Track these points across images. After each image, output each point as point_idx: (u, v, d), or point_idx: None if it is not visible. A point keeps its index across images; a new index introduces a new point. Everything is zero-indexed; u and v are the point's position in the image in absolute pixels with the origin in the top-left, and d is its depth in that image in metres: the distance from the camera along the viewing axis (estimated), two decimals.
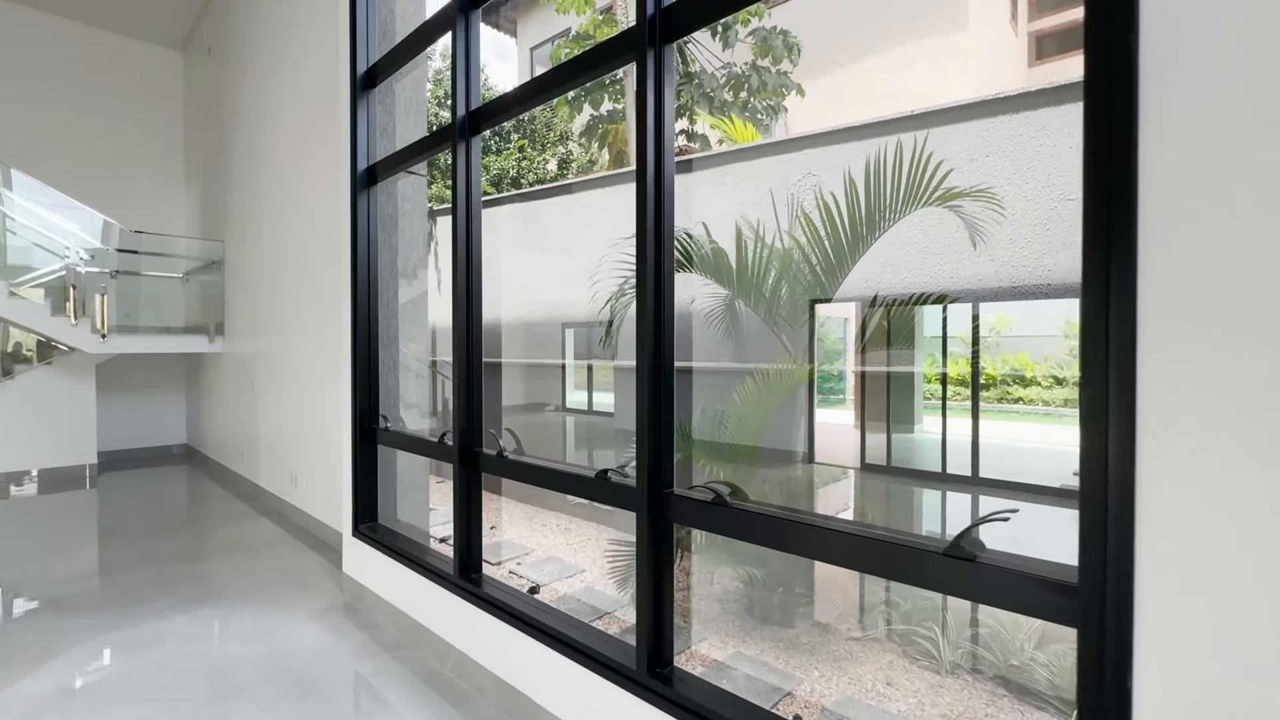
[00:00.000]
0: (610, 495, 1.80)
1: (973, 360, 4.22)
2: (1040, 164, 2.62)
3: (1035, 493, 4.60)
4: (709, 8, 1.58)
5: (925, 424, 6.54)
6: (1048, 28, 7.69)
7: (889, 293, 3.36)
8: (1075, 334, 4.54)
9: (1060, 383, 6.50)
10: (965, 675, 2.48)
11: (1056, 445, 5.62)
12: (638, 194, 1.66)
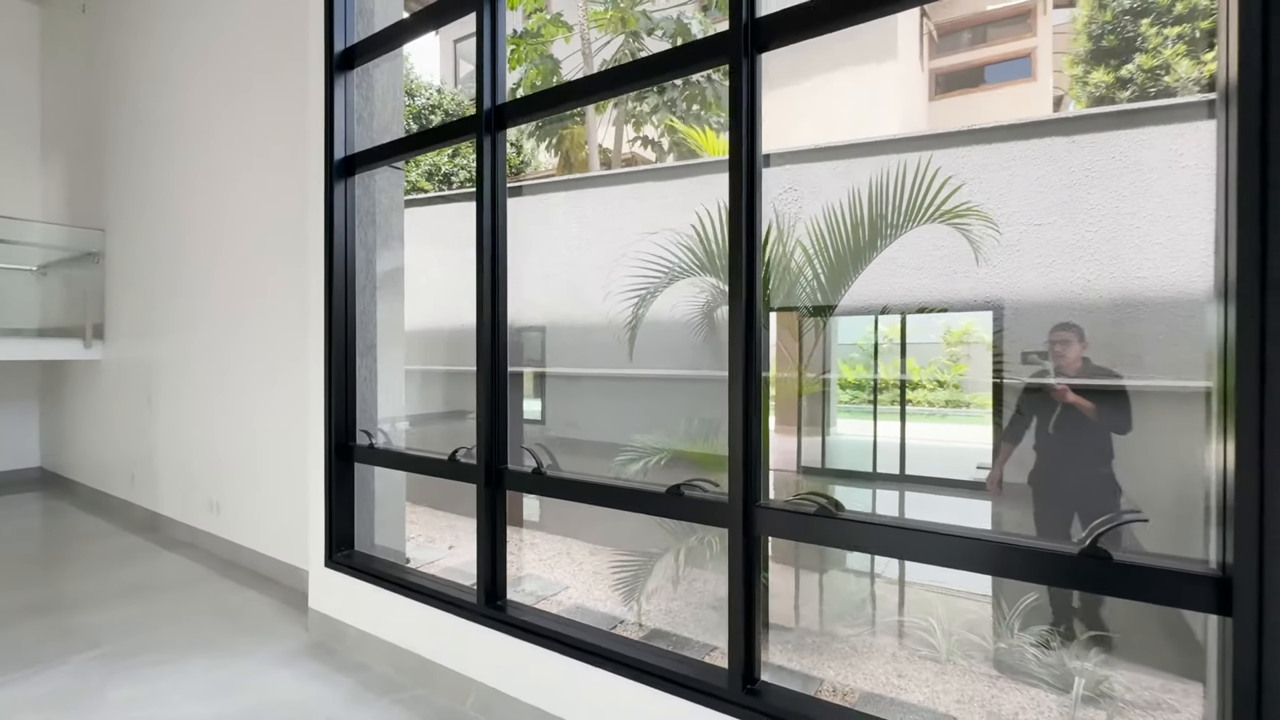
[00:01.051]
0: (692, 512, 1.74)
1: (951, 367, 4.54)
2: (1012, 192, 2.89)
3: (951, 486, 5.07)
4: (801, 22, 1.60)
5: (839, 427, 7.00)
6: (942, 67, 8.55)
7: (875, 304, 3.56)
8: (955, 341, 5.02)
9: (942, 385, 7.19)
10: (961, 662, 2.67)
11: (946, 442, 6.21)
12: (731, 197, 1.64)
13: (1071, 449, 2.76)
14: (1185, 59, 2.79)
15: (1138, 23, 3.24)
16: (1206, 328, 2.50)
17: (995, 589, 3.24)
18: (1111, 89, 2.95)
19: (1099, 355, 3.00)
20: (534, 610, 2.15)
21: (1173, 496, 2.63)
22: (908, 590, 3.89)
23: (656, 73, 1.84)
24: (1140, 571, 1.21)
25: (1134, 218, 2.62)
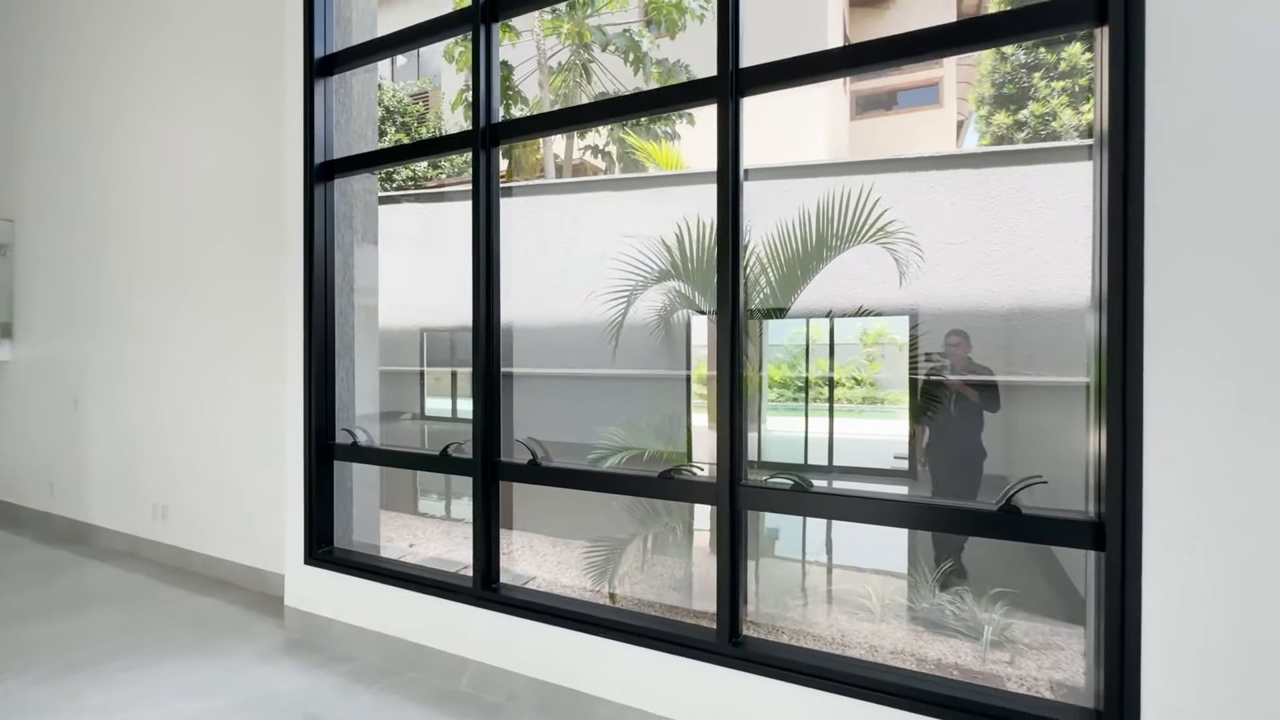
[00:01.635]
0: (683, 492, 2.00)
1: (868, 366, 4.99)
2: (930, 214, 3.34)
3: (873, 474, 5.62)
4: (775, 74, 1.89)
5: (769, 424, 7.49)
6: (862, 90, 9.29)
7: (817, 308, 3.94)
8: (872, 342, 5.66)
9: (859, 383, 7.83)
10: (893, 621, 3.08)
11: (866, 436, 6.79)
12: (718, 215, 1.91)
13: (958, 425, 3.39)
14: (1068, 109, 3.34)
15: (1031, 75, 3.80)
16: (1085, 332, 3.01)
17: (912, 561, 3.72)
18: (1010, 130, 3.47)
19: (1000, 356, 3.52)
20: (527, 590, 2.34)
21: (1054, 464, 3.21)
22: (836, 572, 4.33)
23: (649, 107, 2.08)
24: (1042, 521, 1.58)
25: (1029, 240, 3.12)
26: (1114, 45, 1.44)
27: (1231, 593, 1.35)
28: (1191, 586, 1.38)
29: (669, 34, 5.11)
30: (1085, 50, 3.85)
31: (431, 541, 4.72)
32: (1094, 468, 1.56)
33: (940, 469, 3.78)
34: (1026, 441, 3.66)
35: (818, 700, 1.75)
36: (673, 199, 4.18)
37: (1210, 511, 1.37)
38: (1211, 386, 1.37)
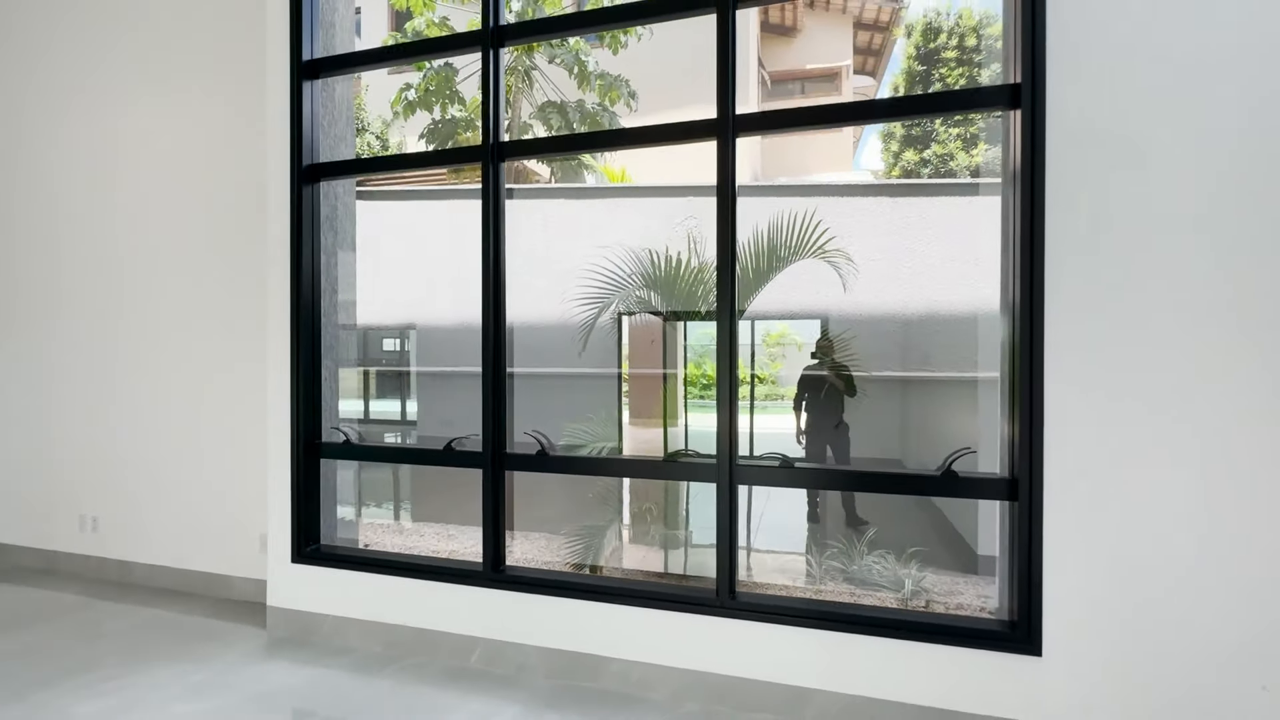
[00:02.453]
0: (687, 472, 2.32)
1: (770, 365, 5.50)
2: (856, 235, 3.90)
3: (686, 467, 6.22)
4: (764, 122, 2.26)
5: (688, 419, 7.99)
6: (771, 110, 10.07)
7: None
8: (774, 343, 6.42)
9: (761, 381, 8.56)
10: (830, 583, 3.58)
11: (769, 429, 7.43)
12: (718, 236, 2.25)
13: (827, 407, 4.05)
14: (962, 151, 4.04)
15: (934, 120, 4.60)
16: (976, 336, 3.66)
17: (817, 539, 4.32)
18: (918, 166, 4.12)
19: (909, 356, 4.16)
20: (534, 570, 2.56)
21: (941, 439, 3.90)
22: (772, 556, 4.85)
23: (653, 140, 2.39)
24: (972, 481, 2.06)
25: (934, 259, 3.75)
26: (1024, 129, 1.94)
27: (1108, 527, 1.89)
28: (1078, 524, 1.91)
29: (612, 50, 5.40)
30: (976, 70, 4.71)
31: (389, 537, 4.69)
32: (1007, 440, 2.06)
33: (816, 443, 4.43)
34: (920, 422, 4.36)
35: (803, 636, 2.15)
36: (631, 209, 4.48)
37: (1091, 469, 1.90)
38: (1091, 379, 1.90)
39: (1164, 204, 1.84)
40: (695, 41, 2.70)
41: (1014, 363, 1.99)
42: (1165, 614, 1.84)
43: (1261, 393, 1.77)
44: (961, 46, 5.24)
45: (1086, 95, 1.89)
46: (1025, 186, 1.93)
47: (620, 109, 5.93)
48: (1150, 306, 1.85)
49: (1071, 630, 1.91)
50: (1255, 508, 1.78)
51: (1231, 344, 1.80)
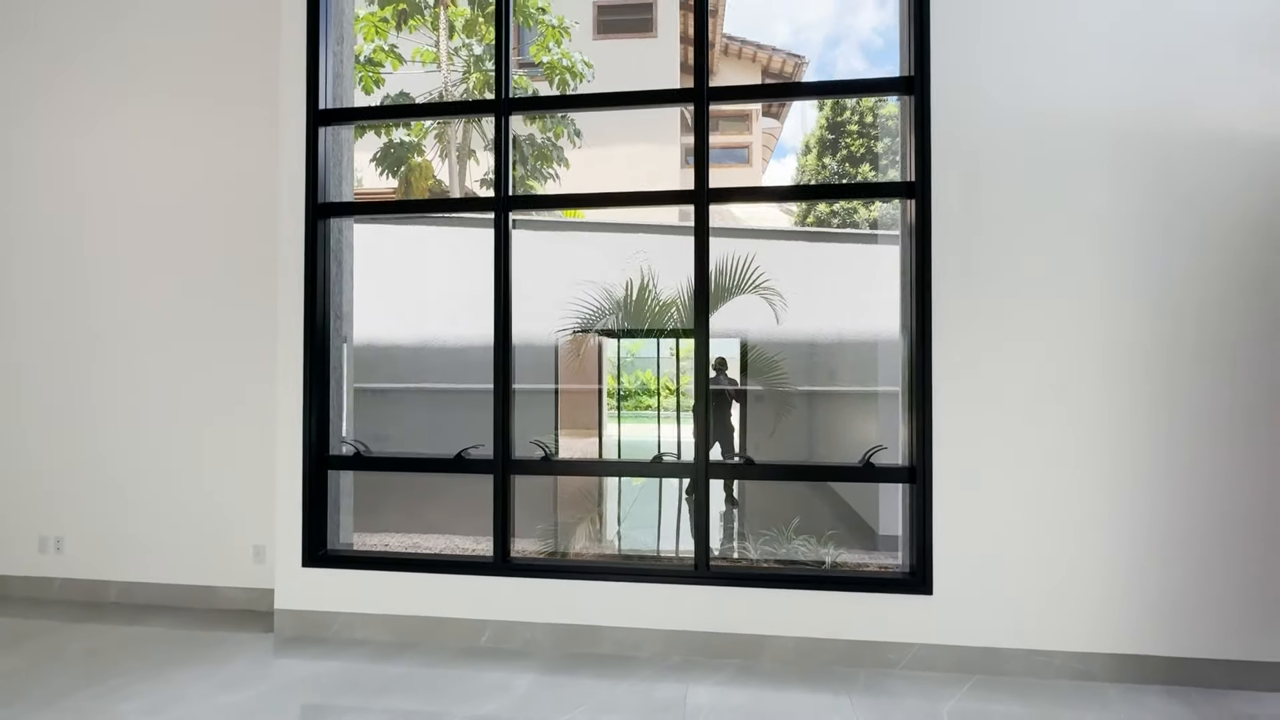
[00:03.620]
0: (669, 470, 2.87)
1: (680, 379, 6.15)
2: (782, 271, 4.66)
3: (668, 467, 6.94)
4: (732, 195, 2.89)
5: (607, 430, 8.56)
6: (689, 145, 10.96)
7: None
8: (685, 357, 7.29)
9: (672, 392, 9.28)
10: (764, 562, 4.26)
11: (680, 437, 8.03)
12: (696, 279, 2.83)
13: (722, 415, 4.82)
14: (863, 207, 4.93)
15: (842, 177, 5.45)
16: (878, 356, 4.49)
17: (734, 528, 5.04)
18: (829, 216, 4.97)
19: (817, 374, 4.97)
20: (538, 559, 3.00)
21: (839, 442, 4.77)
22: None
23: (642, 203, 2.95)
24: (884, 470, 2.79)
25: (842, 293, 4.58)
26: (918, 207, 2.70)
27: (977, 499, 2.66)
28: (958, 498, 2.67)
29: (560, 91, 5.89)
30: (872, 170, 5.72)
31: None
32: (906, 437, 2.80)
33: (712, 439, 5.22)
34: (821, 428, 5.21)
35: (762, 595, 2.76)
36: (584, 243, 4.99)
37: (966, 458, 2.67)
38: (966, 391, 2.67)
39: (1014, 264, 2.66)
40: (634, 85, 3.21)
41: (911, 377, 2.74)
42: (1014, 558, 2.64)
43: (1086, 404, 2.62)
44: (861, 122, 6.29)
45: (962, 188, 2.68)
46: (918, 248, 2.69)
47: (564, 143, 6.44)
48: (1004, 337, 2.65)
49: (952, 574, 2.66)
50: (1072, 482, 2.62)
51: (1065, 364, 2.63)
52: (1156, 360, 2.58)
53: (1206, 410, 2.55)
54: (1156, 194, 2.59)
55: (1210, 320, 2.55)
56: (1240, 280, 2.54)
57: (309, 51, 3.05)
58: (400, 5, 5.38)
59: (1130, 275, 2.59)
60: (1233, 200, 2.55)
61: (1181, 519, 2.57)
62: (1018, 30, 2.66)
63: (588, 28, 7.82)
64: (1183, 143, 2.58)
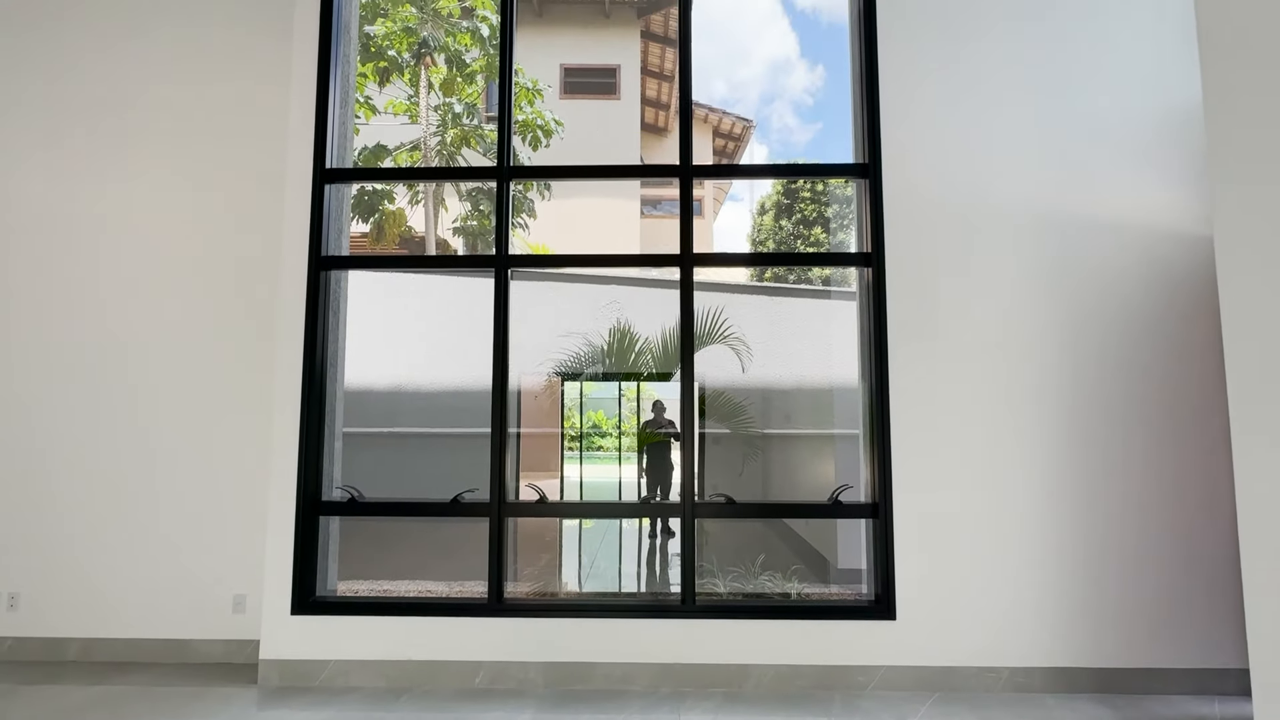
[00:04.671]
0: (658, 510, 3.08)
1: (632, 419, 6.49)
2: (746, 322, 5.04)
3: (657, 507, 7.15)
4: (709, 260, 3.23)
5: (566, 471, 8.68)
6: (647, 196, 11.50)
7: None
8: (640, 395, 7.54)
9: (624, 433, 9.51)
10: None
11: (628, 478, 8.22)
12: (683, 331, 3.12)
13: (661, 455, 5.11)
14: (815, 267, 5.44)
15: (796, 240, 5.99)
16: (834, 401, 4.89)
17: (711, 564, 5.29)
18: (786, 274, 5.45)
19: (775, 418, 5.34)
20: (531, 599, 3.12)
21: (794, 483, 5.13)
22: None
23: (633, 264, 3.24)
24: (850, 507, 3.10)
25: (802, 343, 5.00)
26: (875, 274, 3.10)
27: (931, 532, 3.00)
28: (915, 532, 3.01)
29: (532, 147, 6.22)
30: (823, 233, 6.34)
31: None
32: (869, 477, 3.14)
33: (654, 478, 5.43)
34: (779, 469, 5.55)
35: (744, 627, 2.98)
36: (557, 291, 5.24)
37: (921, 495, 3.02)
38: (921, 431, 3.04)
39: (956, 320, 3.08)
40: (599, 141, 3.54)
41: (872, 422, 3.09)
42: (965, 584, 2.98)
43: (1021, 445, 3.03)
44: (813, 189, 6.93)
45: (910, 258, 3.11)
46: (874, 308, 3.09)
47: (534, 195, 6.74)
48: (950, 384, 3.05)
49: (912, 601, 2.97)
50: (1014, 515, 3.00)
51: (1002, 410, 3.05)
52: (1074, 405, 3.04)
53: (1118, 449, 3.02)
54: (1063, 265, 3.10)
55: (1110, 365, 3.05)
56: (1132, 335, 3.06)
57: (318, 113, 3.23)
58: (381, 63, 5.61)
59: (1047, 330, 3.07)
60: (1122, 272, 3.09)
61: (1103, 547, 2.99)
62: (949, 131, 3.17)
63: (555, 87, 8.26)
64: (1080, 226, 3.11)
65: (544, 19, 8.63)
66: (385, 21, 5.75)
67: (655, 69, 10.62)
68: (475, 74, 6.44)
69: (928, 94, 3.18)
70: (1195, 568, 2.96)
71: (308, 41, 3.26)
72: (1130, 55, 3.20)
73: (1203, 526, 2.97)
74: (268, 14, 3.54)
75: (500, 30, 3.28)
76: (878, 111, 3.15)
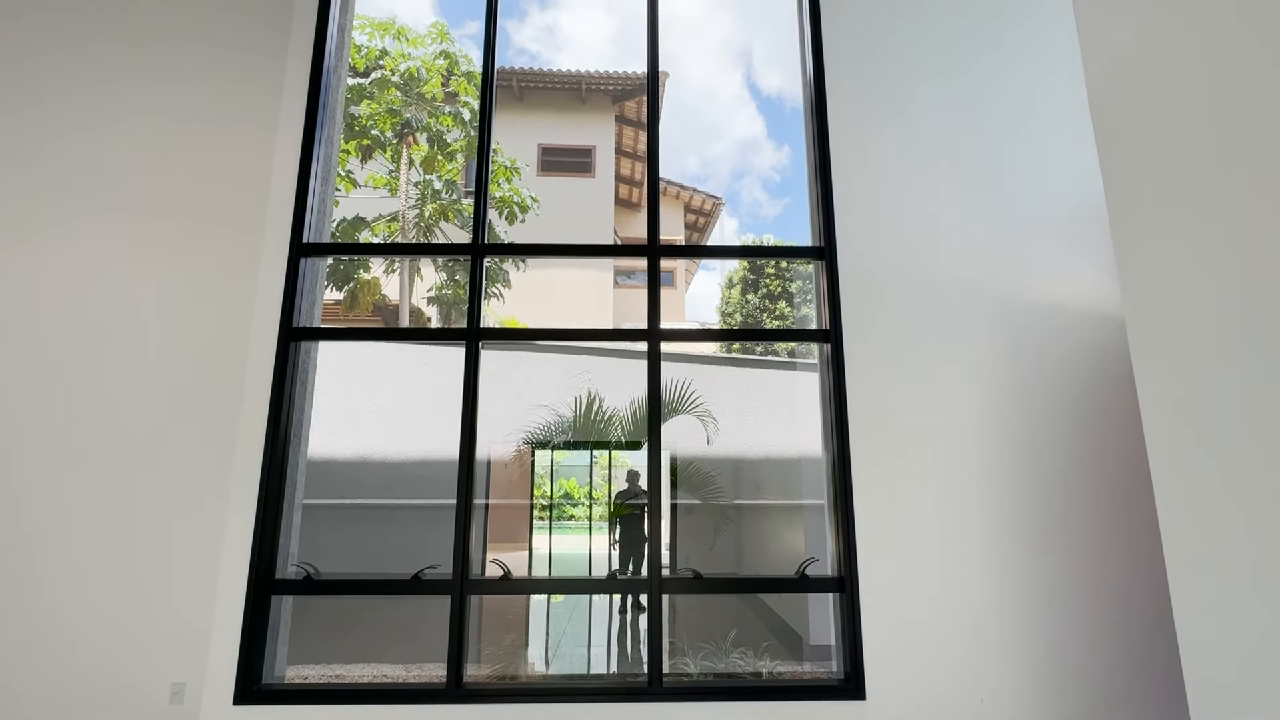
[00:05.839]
0: (625, 586, 3.03)
1: (604, 487, 6.39)
2: (715, 391, 5.14)
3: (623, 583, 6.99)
4: (678, 335, 3.35)
5: (535, 542, 8.50)
6: (621, 267, 11.84)
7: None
8: (611, 464, 7.57)
9: (595, 501, 9.40)
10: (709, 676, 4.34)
11: (600, 550, 8.05)
12: (649, 401, 3.18)
13: (635, 526, 5.08)
14: (780, 342, 5.64)
15: (762, 313, 6.30)
16: (802, 471, 4.95)
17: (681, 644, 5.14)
18: (753, 346, 5.64)
19: (748, 489, 5.36)
20: (492, 683, 2.99)
21: (763, 552, 5.06)
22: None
23: (605, 338, 3.33)
24: (817, 581, 3.10)
25: (772, 412, 5.09)
26: (833, 349, 3.24)
27: (895, 607, 3.01)
28: (880, 606, 3.01)
29: (508, 223, 6.45)
30: (787, 306, 6.66)
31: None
32: (834, 549, 3.16)
33: (626, 550, 5.36)
34: (747, 537, 5.52)
35: (715, 707, 2.90)
36: (529, 362, 5.30)
37: (884, 569, 3.04)
38: (882, 504, 3.10)
39: (910, 392, 3.20)
40: (574, 216, 3.69)
41: (835, 494, 3.14)
42: (933, 660, 2.96)
43: (978, 518, 3.09)
44: (777, 265, 7.29)
45: (866, 334, 3.26)
46: (834, 381, 3.21)
47: (509, 266, 6.92)
48: (910, 452, 3.14)
49: (882, 679, 2.93)
50: (976, 587, 3.03)
51: (959, 479, 3.13)
52: (1022, 476, 3.15)
53: (1059, 522, 3.11)
54: (1010, 341, 3.28)
55: (1061, 439, 3.18)
56: (1071, 406, 3.22)
57: (299, 190, 3.34)
58: (365, 141, 5.84)
59: (997, 404, 3.21)
60: (1062, 347, 3.28)
61: (1064, 619, 3.03)
62: (897, 217, 3.41)
63: (534, 165, 8.64)
64: (1019, 307, 3.33)
65: (524, 103, 9.14)
66: (370, 103, 6.04)
67: (629, 149, 11.21)
68: (456, 152, 6.75)
69: (876, 181, 3.44)
70: (1163, 635, 3.00)
71: (293, 126, 3.42)
72: (1054, 151, 3.53)
73: (1165, 595, 3.03)
74: (252, 100, 3.69)
75: (480, 113, 3.48)
76: (831, 197, 3.39)
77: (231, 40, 3.67)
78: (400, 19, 6.43)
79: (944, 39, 3.64)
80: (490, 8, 3.66)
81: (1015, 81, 3.61)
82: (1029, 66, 3.65)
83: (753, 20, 9.65)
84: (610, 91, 9.27)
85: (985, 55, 3.63)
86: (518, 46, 9.18)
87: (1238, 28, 1.49)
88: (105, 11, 3.74)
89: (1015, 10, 3.75)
